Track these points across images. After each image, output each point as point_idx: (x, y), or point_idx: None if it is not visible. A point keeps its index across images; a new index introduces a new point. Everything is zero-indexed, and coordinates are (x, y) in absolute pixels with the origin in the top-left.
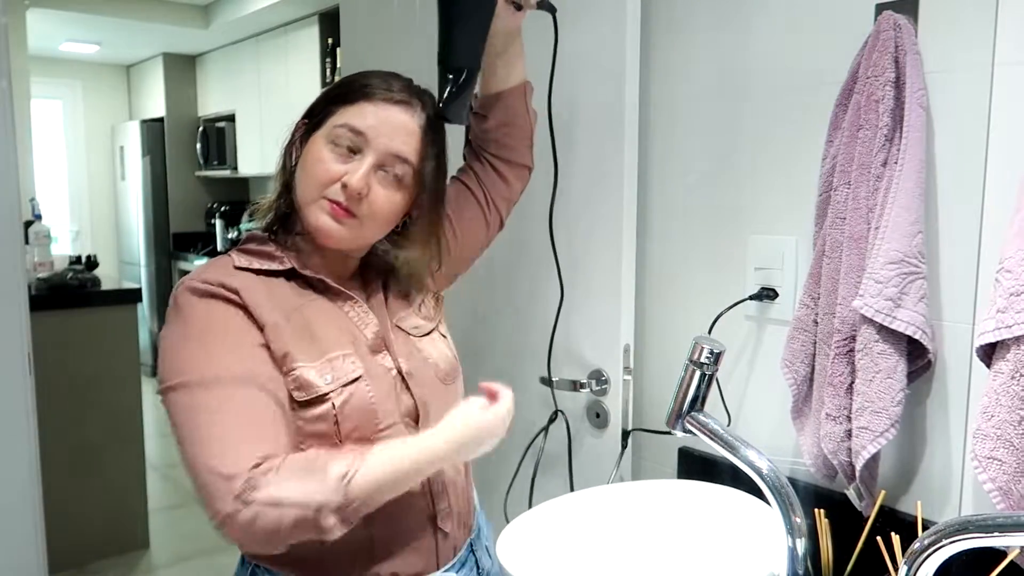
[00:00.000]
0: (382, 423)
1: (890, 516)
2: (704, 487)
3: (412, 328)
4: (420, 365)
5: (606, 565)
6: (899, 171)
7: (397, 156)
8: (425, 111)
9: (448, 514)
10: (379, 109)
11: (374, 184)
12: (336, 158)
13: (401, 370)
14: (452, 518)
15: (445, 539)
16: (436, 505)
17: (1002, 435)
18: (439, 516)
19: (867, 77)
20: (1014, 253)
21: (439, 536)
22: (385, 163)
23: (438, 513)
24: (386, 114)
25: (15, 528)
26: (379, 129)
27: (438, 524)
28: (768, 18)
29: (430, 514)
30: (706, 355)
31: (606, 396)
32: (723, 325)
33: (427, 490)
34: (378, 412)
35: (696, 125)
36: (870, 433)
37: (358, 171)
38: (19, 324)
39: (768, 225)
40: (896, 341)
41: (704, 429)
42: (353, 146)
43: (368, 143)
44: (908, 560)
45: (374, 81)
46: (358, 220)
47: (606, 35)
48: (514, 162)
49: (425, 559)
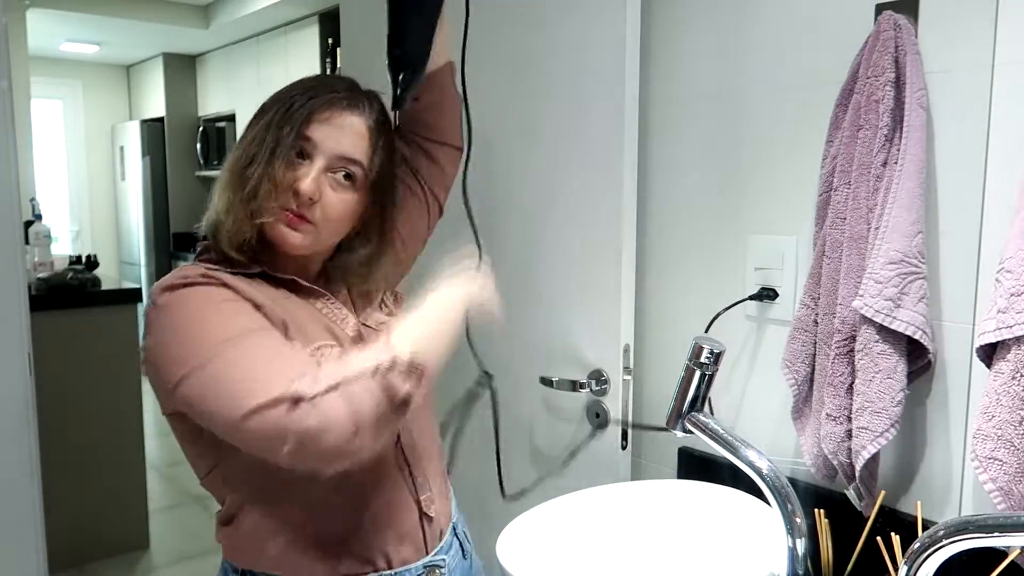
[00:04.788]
0: None
1: (890, 516)
2: (704, 487)
3: (377, 324)
4: None
5: (606, 565)
6: (899, 171)
7: (346, 158)
8: (373, 111)
9: (431, 499)
10: (324, 112)
11: (325, 188)
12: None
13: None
14: (434, 503)
15: (431, 524)
16: (419, 492)
17: (1003, 435)
18: (423, 503)
19: (867, 77)
20: (1014, 253)
21: (425, 521)
22: (334, 166)
23: (422, 500)
24: (332, 117)
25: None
26: (327, 132)
27: (423, 510)
28: (768, 18)
29: (415, 500)
30: (706, 355)
31: (606, 396)
32: (723, 325)
33: (410, 477)
34: None
35: (696, 125)
36: (870, 433)
37: (308, 176)
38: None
39: (768, 225)
40: (896, 341)
41: (704, 429)
42: (302, 152)
43: (316, 147)
44: (908, 560)
45: (315, 86)
46: (313, 225)
47: (606, 35)
48: (446, 143)
49: (415, 546)
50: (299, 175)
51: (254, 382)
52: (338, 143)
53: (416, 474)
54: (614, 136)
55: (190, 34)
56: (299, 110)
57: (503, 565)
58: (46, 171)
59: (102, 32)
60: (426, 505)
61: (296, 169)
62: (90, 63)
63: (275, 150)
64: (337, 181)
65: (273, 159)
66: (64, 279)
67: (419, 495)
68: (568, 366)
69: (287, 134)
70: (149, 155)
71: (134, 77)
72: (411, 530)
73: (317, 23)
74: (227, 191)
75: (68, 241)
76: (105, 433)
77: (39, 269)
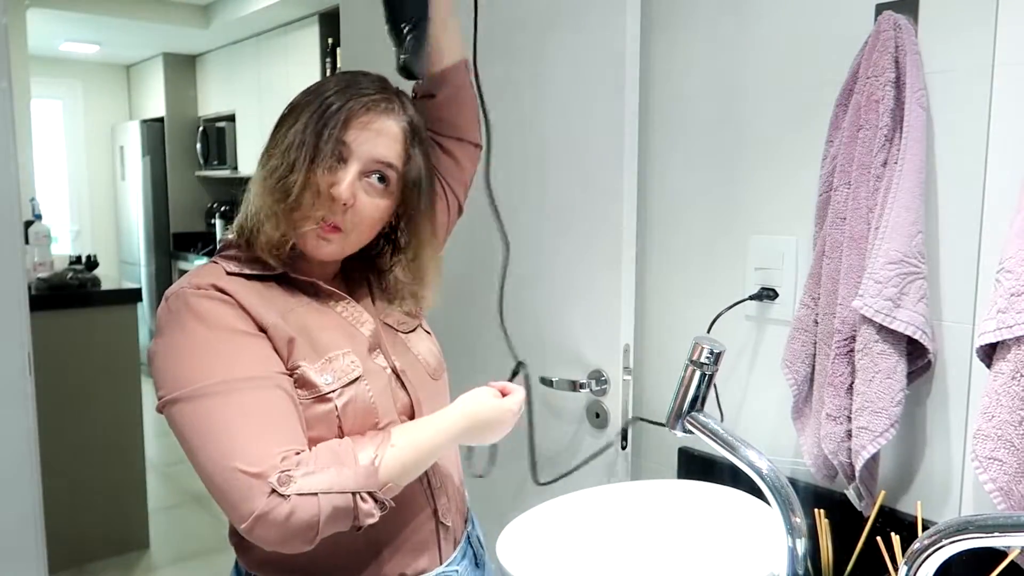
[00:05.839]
0: (381, 421)
1: (890, 516)
2: (704, 487)
3: (398, 324)
4: (412, 362)
5: (606, 565)
6: (899, 171)
7: (381, 161)
8: (407, 112)
9: (448, 508)
10: (362, 116)
11: (359, 193)
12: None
13: (395, 368)
14: (451, 511)
15: (447, 533)
16: (436, 500)
17: (1003, 435)
18: (440, 511)
19: (867, 77)
20: (1015, 253)
21: (441, 531)
22: (369, 169)
23: (439, 508)
24: (370, 120)
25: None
26: (363, 136)
27: (440, 519)
28: (768, 18)
29: (432, 509)
30: (706, 355)
31: (606, 396)
32: (723, 325)
33: (427, 486)
34: (378, 410)
35: (696, 125)
36: (870, 433)
37: (343, 181)
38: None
39: (768, 225)
40: (896, 341)
41: (704, 429)
42: (340, 156)
43: (352, 152)
44: (908, 560)
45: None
46: (343, 232)
47: (606, 34)
48: (464, 140)
49: (430, 555)
50: (336, 179)
51: (246, 442)
52: (374, 147)
53: (435, 484)
54: (614, 136)
55: (190, 34)
56: (335, 114)
57: (503, 565)
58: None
59: (102, 32)
60: (443, 513)
61: (334, 174)
62: (90, 63)
63: (315, 157)
64: (371, 184)
65: (314, 167)
66: (64, 279)
67: (436, 502)
68: (568, 366)
69: (326, 140)
70: (149, 155)
71: (134, 77)
72: (427, 539)
73: (317, 23)
74: (268, 197)
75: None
76: (105, 433)
77: (39, 269)
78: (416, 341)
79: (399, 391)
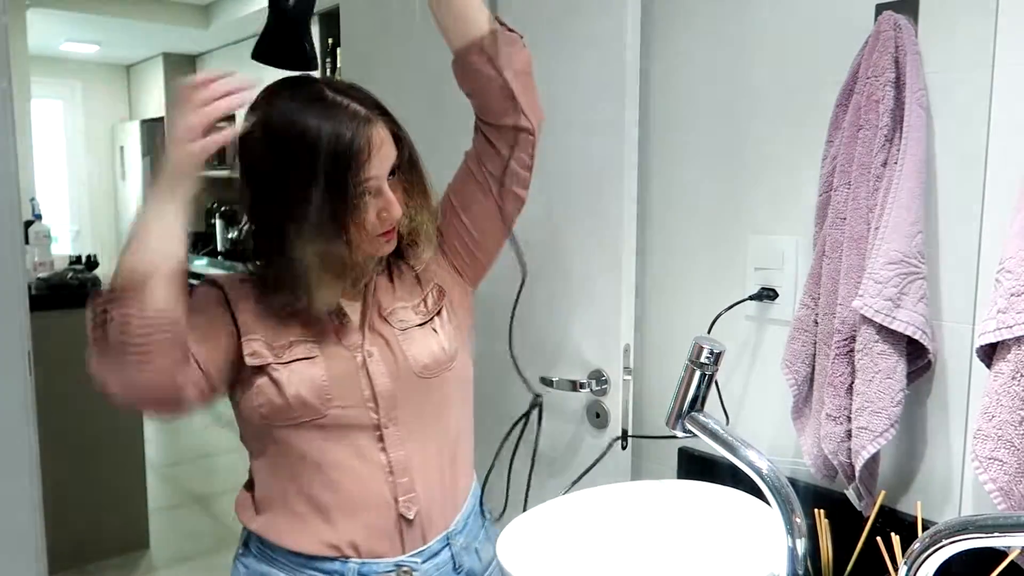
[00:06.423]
0: (335, 400)
1: (890, 516)
2: (704, 487)
3: (398, 322)
4: (389, 355)
5: (606, 565)
6: (899, 171)
7: (391, 166)
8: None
9: (415, 502)
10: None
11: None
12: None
13: (365, 358)
14: (420, 505)
15: (410, 526)
16: (399, 492)
17: (1003, 436)
18: (401, 502)
19: (867, 77)
20: (1015, 253)
21: (403, 523)
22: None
23: (400, 499)
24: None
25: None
26: (377, 161)
27: (400, 511)
28: (768, 18)
29: (393, 495)
30: (706, 355)
31: (606, 396)
32: (723, 325)
33: (389, 469)
34: (330, 389)
35: (696, 125)
36: (869, 433)
37: (391, 203)
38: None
39: (768, 225)
40: (896, 341)
41: (704, 429)
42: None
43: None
44: (908, 560)
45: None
46: (395, 230)
47: (607, 34)
48: (501, 125)
49: (388, 541)
50: (380, 204)
51: None
52: (385, 159)
53: (400, 476)
54: (615, 136)
55: (190, 34)
56: (344, 153)
57: (503, 565)
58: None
59: (102, 32)
60: (404, 507)
61: (377, 202)
62: (90, 63)
63: (355, 203)
64: (391, 184)
65: (359, 212)
66: (64, 279)
67: (399, 495)
68: (568, 366)
69: (356, 186)
70: (149, 155)
71: (134, 77)
72: (387, 526)
73: (317, 23)
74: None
75: (68, 241)
76: (105, 433)
77: (39, 269)
78: (413, 339)
79: (365, 379)
